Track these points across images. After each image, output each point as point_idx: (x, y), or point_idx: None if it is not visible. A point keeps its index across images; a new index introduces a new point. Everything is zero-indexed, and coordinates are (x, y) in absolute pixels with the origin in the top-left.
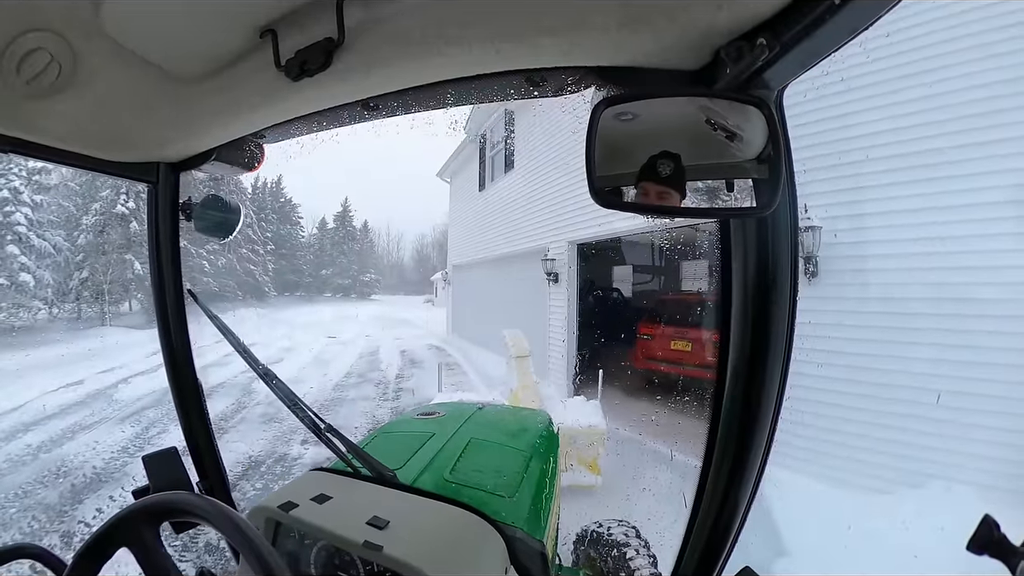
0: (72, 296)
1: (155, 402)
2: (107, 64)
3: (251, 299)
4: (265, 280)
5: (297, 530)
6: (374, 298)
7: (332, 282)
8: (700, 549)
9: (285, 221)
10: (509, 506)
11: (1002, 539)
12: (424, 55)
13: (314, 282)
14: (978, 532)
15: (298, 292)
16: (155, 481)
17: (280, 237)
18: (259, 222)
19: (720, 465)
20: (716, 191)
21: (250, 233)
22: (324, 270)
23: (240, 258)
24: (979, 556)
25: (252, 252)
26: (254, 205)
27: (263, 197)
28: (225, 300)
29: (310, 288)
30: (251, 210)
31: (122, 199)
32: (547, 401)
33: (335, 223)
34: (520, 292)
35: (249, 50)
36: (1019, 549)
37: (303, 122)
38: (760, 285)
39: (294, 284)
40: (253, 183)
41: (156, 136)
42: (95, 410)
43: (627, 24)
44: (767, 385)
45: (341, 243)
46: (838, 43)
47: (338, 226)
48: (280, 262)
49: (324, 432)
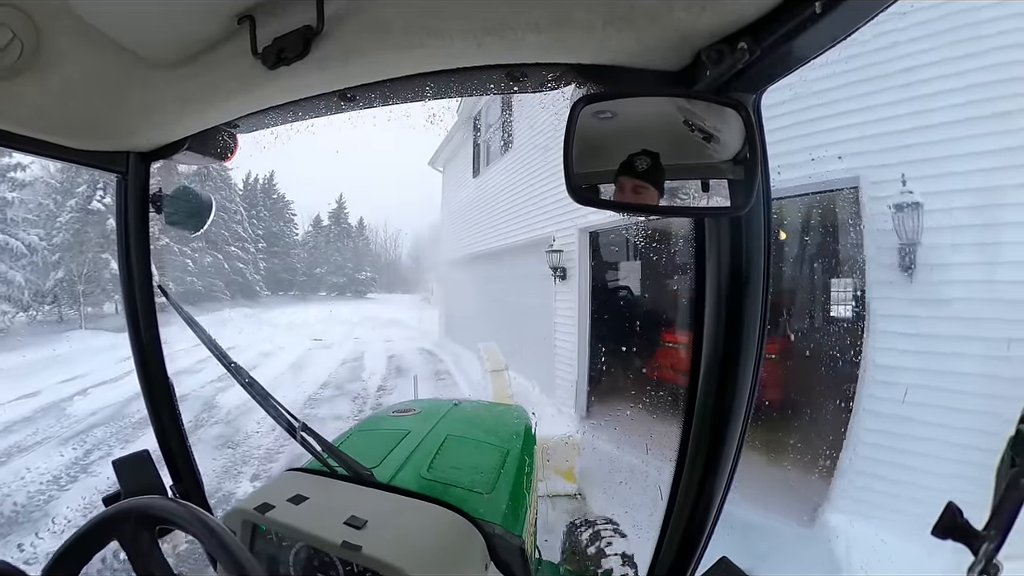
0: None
1: (108, 418)
2: (74, 45)
3: (242, 299)
4: (257, 279)
5: (275, 532)
6: (370, 296)
7: (327, 280)
8: (677, 541)
9: (278, 218)
10: (487, 502)
11: (965, 524)
12: (404, 46)
13: (308, 281)
14: (942, 518)
15: (292, 291)
16: (126, 486)
17: (273, 234)
18: (250, 219)
19: (695, 459)
20: (692, 190)
21: (240, 230)
22: (318, 268)
23: (228, 256)
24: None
25: (242, 250)
26: (245, 202)
27: (255, 193)
28: (213, 300)
29: (304, 287)
30: (241, 207)
31: (98, 194)
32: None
33: (330, 220)
34: (520, 290)
35: (225, 36)
36: (981, 533)
37: (278, 112)
38: (733, 283)
39: (288, 283)
40: (244, 179)
41: (126, 124)
42: (40, 428)
43: (611, 23)
44: (740, 380)
45: (336, 240)
46: (817, 50)
47: (333, 223)
48: (273, 260)
49: (299, 431)
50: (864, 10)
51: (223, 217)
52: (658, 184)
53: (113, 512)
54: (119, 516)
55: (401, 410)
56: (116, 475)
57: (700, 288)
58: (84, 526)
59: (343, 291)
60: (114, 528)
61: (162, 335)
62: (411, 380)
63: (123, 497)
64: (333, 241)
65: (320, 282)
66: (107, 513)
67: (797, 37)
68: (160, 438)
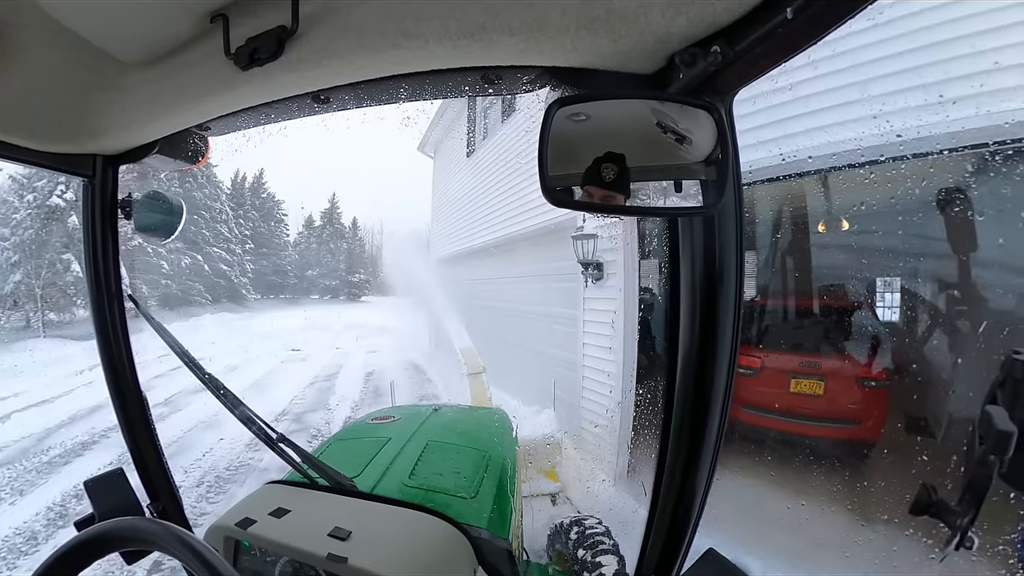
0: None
1: (18, 455)
2: (37, 40)
3: (227, 303)
4: (243, 282)
5: (258, 548)
6: (364, 299)
7: (319, 283)
8: (663, 535)
9: (268, 218)
10: (472, 507)
11: (940, 501)
12: (379, 48)
13: (300, 283)
14: (918, 497)
15: (283, 294)
16: (99, 508)
17: (261, 235)
18: (236, 219)
19: (676, 453)
20: (665, 191)
21: (224, 230)
22: (310, 270)
23: (209, 258)
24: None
25: (227, 251)
26: (232, 201)
27: (242, 192)
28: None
29: (296, 290)
30: (227, 206)
31: (59, 189)
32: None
33: (323, 220)
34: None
35: (198, 35)
36: (955, 509)
37: (250, 114)
38: (708, 280)
39: (277, 286)
40: (232, 177)
41: (92, 125)
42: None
43: (585, 26)
44: (717, 375)
45: (329, 241)
46: (788, 54)
47: (326, 223)
48: (261, 262)
49: (277, 442)
50: (833, 17)
51: (204, 216)
52: (625, 189)
53: (87, 537)
54: (93, 541)
55: (380, 417)
56: (88, 497)
57: (675, 286)
58: (53, 555)
59: (336, 294)
60: (88, 554)
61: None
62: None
63: (97, 520)
64: (326, 242)
65: (312, 285)
66: (80, 538)
67: (769, 41)
68: (134, 454)
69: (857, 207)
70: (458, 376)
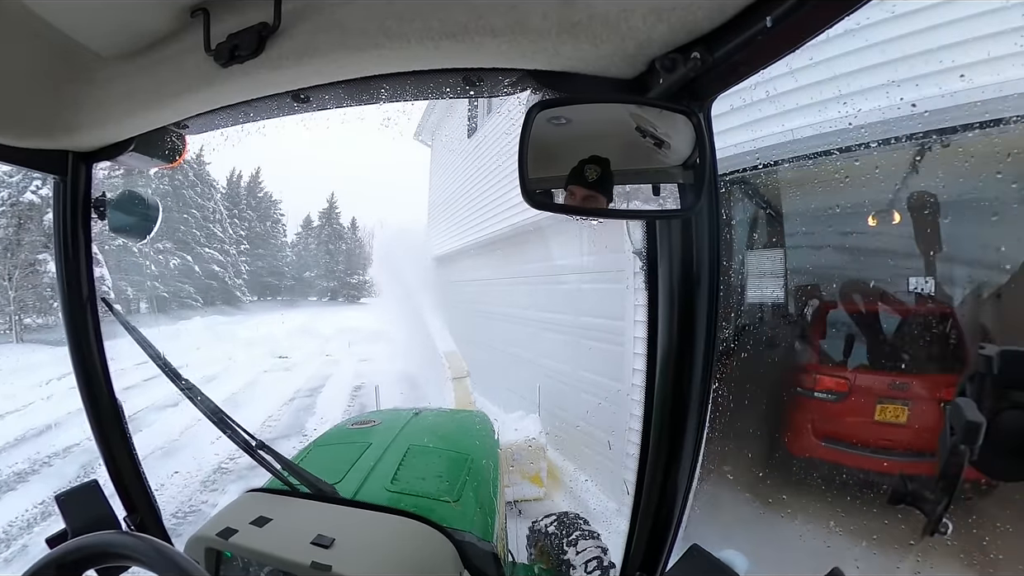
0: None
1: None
2: (8, 30)
3: (220, 305)
4: (237, 283)
5: (240, 558)
6: (363, 301)
7: (317, 285)
8: (647, 532)
9: (264, 218)
10: (455, 511)
11: (915, 490)
12: (361, 47)
13: (297, 285)
14: (895, 488)
15: (280, 296)
16: (73, 523)
17: (257, 235)
18: (231, 218)
19: (658, 451)
20: (643, 194)
21: (217, 230)
22: (308, 272)
23: (200, 259)
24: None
25: (220, 252)
26: (227, 200)
27: (238, 191)
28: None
29: (293, 291)
30: (222, 205)
31: (34, 184)
32: None
33: (321, 220)
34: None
35: (177, 30)
36: (930, 497)
37: (229, 112)
38: (685, 281)
39: (274, 287)
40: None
41: (66, 120)
42: None
43: (567, 30)
44: (695, 374)
45: (327, 242)
46: (767, 61)
47: (324, 223)
48: (257, 263)
49: (256, 449)
50: (812, 26)
51: (195, 215)
52: (607, 192)
53: (60, 554)
54: (67, 558)
55: (360, 422)
56: (60, 512)
57: (652, 287)
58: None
59: (335, 295)
60: (63, 573)
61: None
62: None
63: (70, 536)
64: (324, 243)
65: (310, 286)
66: (52, 556)
67: (748, 48)
68: (109, 465)
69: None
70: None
